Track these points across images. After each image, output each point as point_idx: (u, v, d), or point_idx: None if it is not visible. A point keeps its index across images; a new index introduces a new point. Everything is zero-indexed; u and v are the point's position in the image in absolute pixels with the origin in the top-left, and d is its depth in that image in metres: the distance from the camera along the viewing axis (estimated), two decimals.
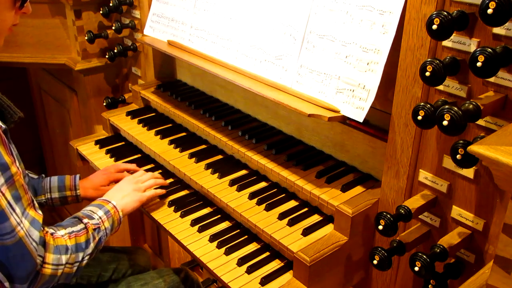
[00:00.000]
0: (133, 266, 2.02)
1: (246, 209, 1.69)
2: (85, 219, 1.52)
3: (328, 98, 1.57)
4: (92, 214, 1.56)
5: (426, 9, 1.26)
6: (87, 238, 1.47)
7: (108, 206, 1.62)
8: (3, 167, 1.26)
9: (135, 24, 2.45)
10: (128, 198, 1.70)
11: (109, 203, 1.63)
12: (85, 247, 1.46)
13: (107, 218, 1.58)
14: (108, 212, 1.59)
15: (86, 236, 1.47)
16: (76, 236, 1.45)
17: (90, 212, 1.57)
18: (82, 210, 1.59)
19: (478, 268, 1.25)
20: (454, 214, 1.38)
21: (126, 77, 2.75)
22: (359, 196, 1.59)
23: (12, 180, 1.28)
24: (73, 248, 1.42)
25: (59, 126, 3.19)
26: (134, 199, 1.71)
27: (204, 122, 2.08)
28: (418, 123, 1.25)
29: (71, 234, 1.44)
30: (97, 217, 1.55)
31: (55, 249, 1.37)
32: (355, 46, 1.49)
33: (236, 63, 1.86)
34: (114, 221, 1.60)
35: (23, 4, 1.41)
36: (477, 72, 1.10)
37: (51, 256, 1.36)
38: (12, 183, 1.28)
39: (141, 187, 1.77)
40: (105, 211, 1.59)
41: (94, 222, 1.53)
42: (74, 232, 1.45)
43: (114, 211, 1.62)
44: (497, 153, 0.85)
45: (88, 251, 1.47)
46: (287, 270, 1.57)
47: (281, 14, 1.71)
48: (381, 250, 1.34)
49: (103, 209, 1.59)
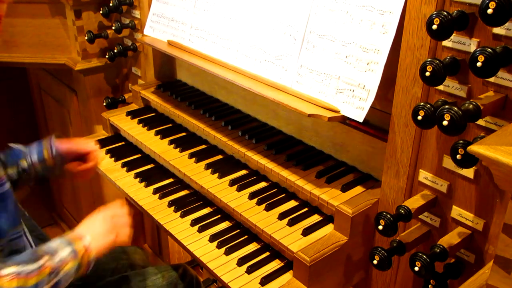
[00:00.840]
0: (132, 266, 2.02)
1: (246, 209, 1.69)
2: (45, 257, 1.32)
3: (328, 98, 1.57)
4: (55, 253, 1.35)
5: (426, 9, 1.26)
6: (38, 281, 1.29)
7: (78, 246, 1.38)
8: None
9: (135, 24, 2.45)
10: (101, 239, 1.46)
11: (80, 242, 1.40)
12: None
13: (72, 259, 1.36)
14: (74, 252, 1.37)
15: (36, 279, 1.29)
16: (25, 278, 1.27)
17: (53, 250, 1.36)
18: (49, 243, 1.39)
19: (478, 268, 1.25)
20: (454, 214, 1.38)
21: (126, 77, 2.75)
22: (359, 196, 1.59)
23: None
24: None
25: (59, 126, 3.18)
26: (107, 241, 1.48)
27: (204, 122, 2.08)
28: (418, 123, 1.25)
29: (20, 275, 1.26)
30: (59, 258, 1.34)
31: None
32: (355, 46, 1.49)
33: (236, 63, 1.86)
34: (80, 263, 1.37)
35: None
36: (477, 72, 1.10)
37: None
38: None
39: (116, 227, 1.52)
40: (71, 251, 1.37)
41: (53, 263, 1.33)
42: (24, 272, 1.27)
43: (84, 253, 1.38)
44: (497, 153, 0.85)
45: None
46: (287, 270, 1.57)
47: (281, 14, 1.71)
48: (381, 250, 1.34)
49: (69, 247, 1.37)
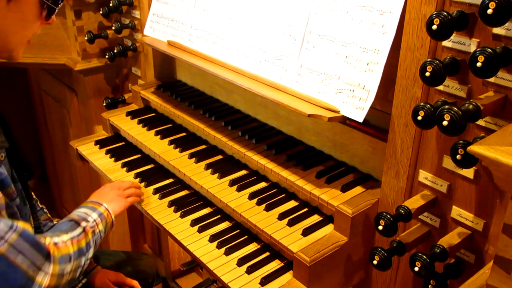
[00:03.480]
0: (137, 272, 2.01)
1: (246, 209, 1.69)
2: (83, 222, 1.50)
3: (328, 98, 1.57)
4: (87, 217, 1.54)
5: (426, 9, 1.26)
6: (87, 242, 1.46)
7: (101, 209, 1.61)
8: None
9: (135, 24, 2.45)
10: (114, 203, 1.70)
11: (102, 206, 1.63)
12: (86, 250, 1.45)
13: (101, 221, 1.57)
14: (101, 215, 1.59)
15: (85, 240, 1.46)
16: (78, 241, 1.43)
17: (85, 215, 1.55)
18: (76, 212, 1.57)
19: (478, 268, 1.25)
20: (454, 214, 1.38)
21: (126, 77, 2.75)
22: (359, 196, 1.59)
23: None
24: (75, 254, 1.39)
25: (59, 126, 3.19)
26: (120, 204, 1.72)
27: (204, 122, 2.08)
28: (418, 123, 1.25)
29: (73, 240, 1.41)
30: (92, 220, 1.54)
31: (60, 259, 1.33)
32: (355, 46, 1.49)
33: (236, 63, 1.86)
34: (107, 223, 1.60)
35: (49, 15, 1.38)
36: (477, 72, 1.10)
37: (56, 267, 1.31)
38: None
39: (124, 193, 1.77)
40: (99, 214, 1.58)
41: (90, 225, 1.52)
42: (75, 237, 1.43)
43: (107, 214, 1.62)
44: (497, 153, 0.85)
45: (89, 255, 1.46)
46: (287, 270, 1.57)
47: (281, 14, 1.71)
48: (381, 250, 1.34)
49: (96, 212, 1.58)
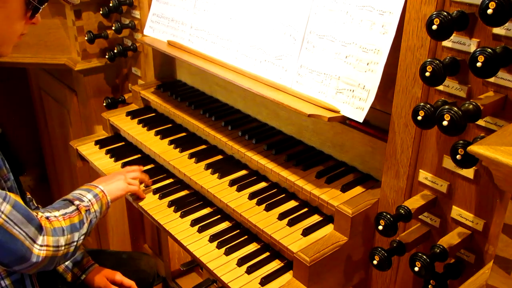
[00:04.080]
0: (137, 272, 2.01)
1: (246, 209, 1.69)
2: (76, 201, 1.58)
3: (328, 98, 1.57)
4: (82, 197, 1.62)
5: (426, 9, 1.26)
6: (80, 219, 1.53)
7: (96, 190, 1.68)
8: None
9: (135, 24, 2.45)
10: (114, 185, 1.76)
11: (97, 188, 1.69)
12: (79, 227, 1.52)
13: (96, 201, 1.64)
14: (96, 196, 1.66)
15: (79, 217, 1.53)
16: (70, 217, 1.51)
17: (79, 195, 1.62)
18: (71, 193, 1.64)
19: (478, 268, 1.25)
20: (454, 214, 1.38)
21: (126, 77, 2.75)
22: (359, 196, 1.59)
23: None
24: (68, 229, 1.48)
25: (59, 126, 3.19)
26: (120, 187, 1.77)
27: (204, 122, 2.08)
28: (418, 123, 1.25)
29: (65, 216, 1.50)
30: (87, 200, 1.61)
31: (53, 232, 1.43)
32: (355, 46, 1.49)
33: (236, 63, 1.86)
34: (102, 204, 1.67)
35: (34, 15, 1.44)
36: (477, 72, 1.10)
37: (50, 238, 1.41)
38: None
39: (127, 176, 1.83)
40: (94, 195, 1.65)
41: (84, 204, 1.59)
42: (67, 213, 1.51)
43: (102, 195, 1.68)
44: (497, 153, 0.85)
45: (82, 231, 1.53)
46: (287, 270, 1.57)
47: (281, 14, 1.71)
48: (381, 250, 1.34)
49: (91, 193, 1.65)
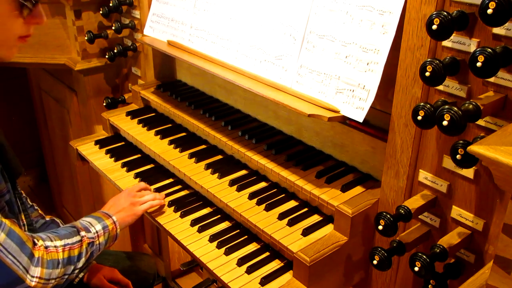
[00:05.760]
0: (137, 272, 2.01)
1: (246, 209, 1.69)
2: (83, 231, 1.52)
3: (328, 98, 1.57)
4: (90, 227, 1.56)
5: (426, 9, 1.26)
6: (79, 252, 1.48)
7: (108, 222, 1.61)
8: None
9: (135, 24, 2.45)
10: (124, 213, 1.69)
11: (110, 218, 1.63)
12: (77, 260, 1.47)
13: (103, 233, 1.58)
14: (106, 228, 1.59)
15: (79, 250, 1.48)
16: (70, 249, 1.45)
17: (88, 224, 1.57)
18: (81, 220, 1.59)
19: (478, 268, 1.25)
20: (454, 214, 1.38)
21: (126, 77, 2.75)
22: (359, 196, 1.59)
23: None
24: (64, 261, 1.42)
25: (59, 126, 3.18)
26: (130, 214, 1.71)
27: (204, 122, 2.08)
28: (418, 123, 1.25)
29: (65, 247, 1.44)
30: (94, 231, 1.55)
31: (48, 264, 1.37)
32: (355, 46, 1.49)
33: (236, 63, 1.86)
34: (110, 237, 1.60)
35: (30, 13, 1.29)
36: (477, 72, 1.10)
37: (44, 271, 1.36)
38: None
39: (138, 201, 1.75)
40: (103, 226, 1.59)
41: (90, 236, 1.53)
42: (68, 245, 1.46)
43: (113, 227, 1.62)
44: (497, 153, 0.85)
45: (78, 265, 1.47)
46: (287, 270, 1.57)
47: (281, 14, 1.71)
48: (381, 250, 1.34)
49: (101, 224, 1.59)
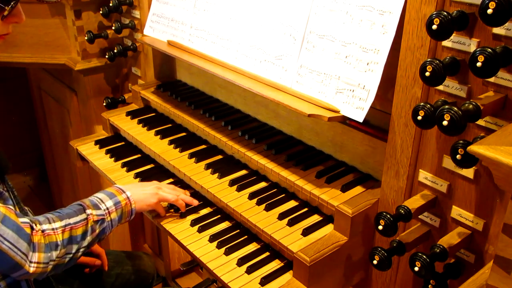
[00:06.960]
0: (137, 272, 2.01)
1: (246, 209, 1.69)
2: (89, 209, 1.47)
3: (328, 98, 1.57)
4: (100, 204, 1.51)
5: (426, 9, 1.26)
6: (84, 231, 1.43)
7: (120, 197, 1.56)
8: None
9: (135, 24, 2.45)
10: (144, 195, 1.64)
11: (123, 194, 1.58)
12: (81, 239, 1.43)
13: (115, 209, 1.53)
14: (118, 204, 1.54)
15: (84, 229, 1.43)
16: (72, 229, 1.41)
17: (98, 201, 1.52)
18: (91, 197, 1.55)
19: (478, 268, 1.25)
20: (454, 214, 1.38)
21: (126, 77, 2.75)
22: (359, 196, 1.59)
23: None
24: (64, 242, 1.39)
25: (59, 126, 3.18)
26: (147, 197, 1.64)
27: (204, 122, 2.08)
28: (418, 123, 1.25)
29: (65, 227, 1.40)
30: (104, 207, 1.51)
31: (46, 247, 1.34)
32: (355, 46, 1.49)
33: (236, 63, 1.86)
34: (123, 212, 1.55)
35: (10, 13, 1.30)
36: (477, 72, 1.10)
37: (42, 255, 1.33)
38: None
39: (160, 193, 1.69)
40: (115, 202, 1.54)
41: (98, 213, 1.48)
42: (69, 225, 1.41)
43: (126, 203, 1.56)
44: (497, 153, 0.85)
45: (83, 244, 1.44)
46: (287, 270, 1.57)
47: (281, 14, 1.71)
48: (381, 250, 1.34)
49: (113, 200, 1.54)
